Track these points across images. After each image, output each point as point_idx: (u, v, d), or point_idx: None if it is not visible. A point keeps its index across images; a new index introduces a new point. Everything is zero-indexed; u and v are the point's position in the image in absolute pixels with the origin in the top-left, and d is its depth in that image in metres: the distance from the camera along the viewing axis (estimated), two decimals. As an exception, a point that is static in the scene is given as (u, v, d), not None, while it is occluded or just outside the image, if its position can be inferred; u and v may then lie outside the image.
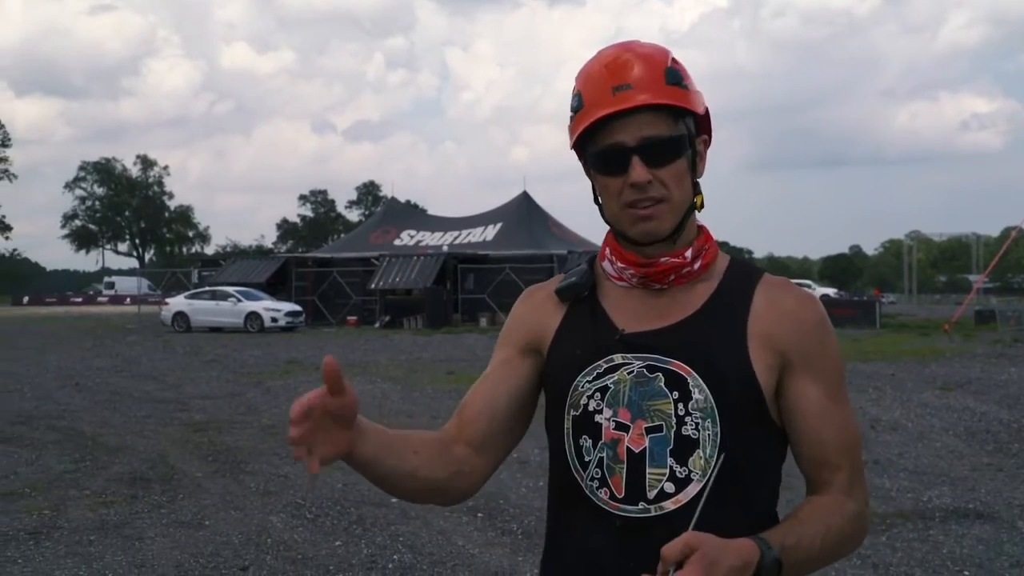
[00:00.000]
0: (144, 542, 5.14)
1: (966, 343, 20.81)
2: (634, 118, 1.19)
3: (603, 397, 1.22)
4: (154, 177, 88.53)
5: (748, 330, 1.23)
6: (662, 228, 1.22)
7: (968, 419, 9.50)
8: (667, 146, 1.20)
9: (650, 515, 1.18)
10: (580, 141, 1.25)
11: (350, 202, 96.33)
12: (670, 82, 1.21)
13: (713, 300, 1.26)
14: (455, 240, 37.20)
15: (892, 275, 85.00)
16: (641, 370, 1.22)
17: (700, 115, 1.25)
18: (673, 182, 1.21)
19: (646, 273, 1.26)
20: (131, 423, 9.41)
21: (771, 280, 1.29)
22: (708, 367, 1.20)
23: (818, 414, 1.23)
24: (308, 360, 17.12)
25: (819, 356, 1.25)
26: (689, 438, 1.18)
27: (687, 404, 1.19)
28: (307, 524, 5.53)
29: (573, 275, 1.34)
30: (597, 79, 1.22)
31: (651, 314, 1.26)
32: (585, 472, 1.23)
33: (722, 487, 1.17)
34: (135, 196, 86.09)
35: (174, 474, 6.88)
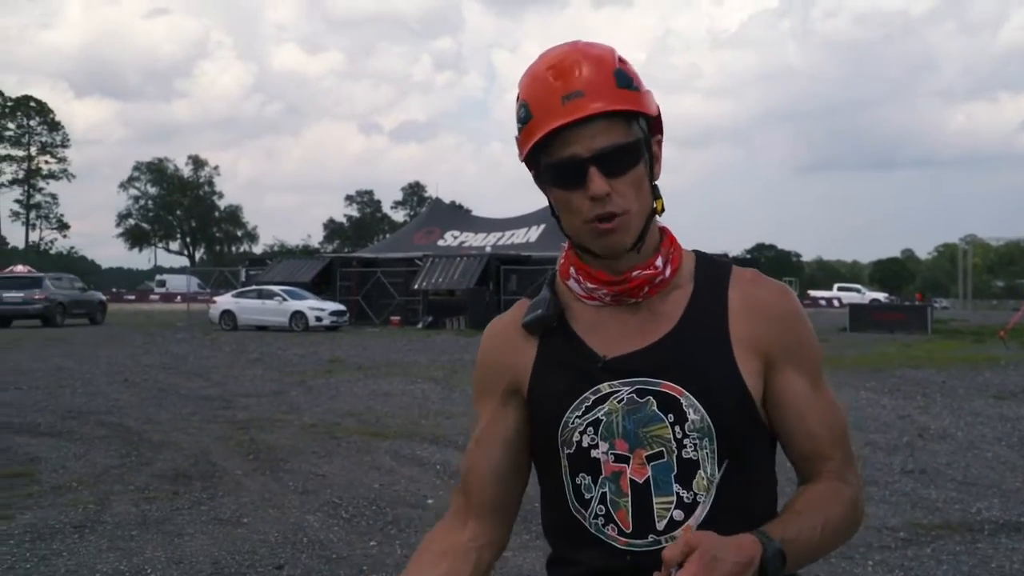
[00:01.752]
0: (183, 538, 5.22)
1: (1022, 350, 20.23)
2: (587, 127, 1.13)
3: (596, 431, 1.18)
4: (205, 177, 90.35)
5: (731, 335, 1.19)
6: (626, 240, 1.17)
7: (1022, 429, 9.22)
8: (624, 154, 1.15)
9: (661, 546, 1.13)
10: (530, 153, 1.18)
11: (396, 202, 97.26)
12: (621, 85, 1.15)
13: (691, 308, 1.22)
14: (498, 241, 37.27)
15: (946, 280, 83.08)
16: (631, 396, 1.17)
17: (652, 115, 1.19)
18: (632, 190, 1.16)
19: (619, 291, 1.21)
20: (176, 420, 9.59)
21: (742, 274, 1.25)
22: (700, 385, 1.16)
23: (805, 407, 1.21)
24: (350, 360, 17.28)
25: (799, 348, 1.23)
26: (690, 460, 1.16)
27: (683, 426, 1.16)
28: (343, 524, 5.57)
29: (538, 306, 1.26)
30: (544, 87, 1.15)
31: (630, 333, 1.21)
32: (587, 510, 1.19)
33: (727, 503, 1.14)
34: (186, 195, 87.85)
35: (215, 471, 6.98)
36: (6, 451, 7.77)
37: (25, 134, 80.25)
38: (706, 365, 1.17)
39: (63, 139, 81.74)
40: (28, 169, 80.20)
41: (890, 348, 20.51)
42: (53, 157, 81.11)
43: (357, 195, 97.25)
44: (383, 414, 10.10)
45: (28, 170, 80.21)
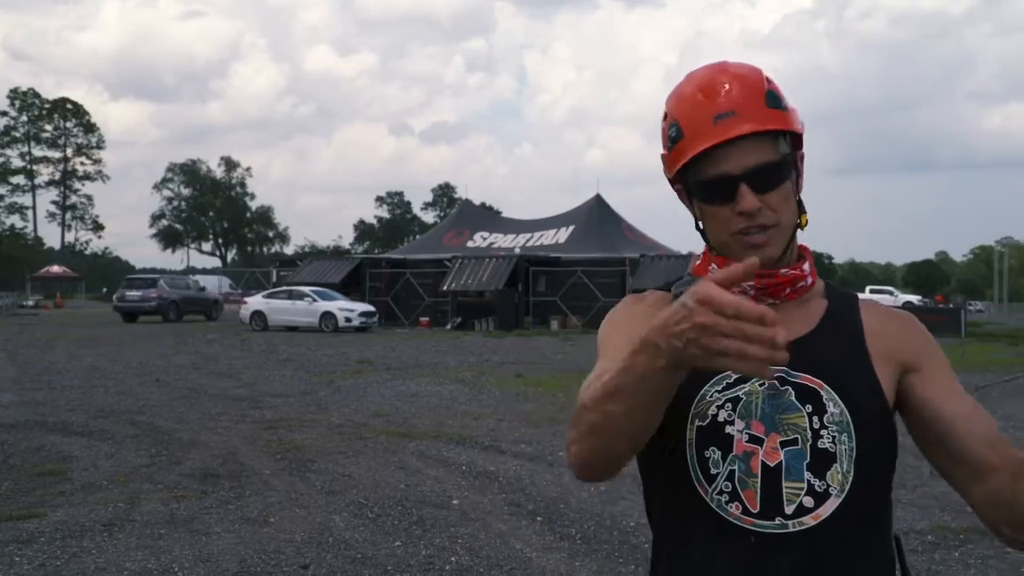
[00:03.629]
0: (211, 537, 5.30)
1: (1058, 354, 19.85)
2: (738, 146, 1.18)
3: (735, 408, 1.19)
4: (237, 178, 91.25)
5: (868, 348, 1.24)
6: (773, 254, 1.22)
7: (1055, 434, 9.06)
8: (774, 171, 1.20)
9: (788, 531, 1.14)
10: (681, 170, 1.23)
11: (426, 204, 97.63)
12: (770, 105, 1.19)
13: (828, 318, 1.27)
14: (527, 242, 37.30)
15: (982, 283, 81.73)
16: (772, 382, 1.19)
17: (799, 133, 1.24)
18: (781, 206, 1.21)
19: (765, 284, 1.24)
20: (205, 420, 9.72)
21: (868, 303, 1.32)
22: (840, 381, 1.19)
23: (962, 399, 1.22)
24: (379, 360, 17.39)
25: (935, 351, 1.28)
26: (827, 451, 1.16)
27: (822, 417, 1.17)
28: (368, 524, 5.62)
29: (688, 284, 1.29)
30: (696, 107, 1.20)
31: None
32: (711, 485, 1.18)
33: (856, 502, 1.15)
34: (219, 197, 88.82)
35: (243, 471, 7.07)
36: (39, 450, 7.93)
37: (61, 136, 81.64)
38: (845, 366, 1.21)
39: (98, 141, 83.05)
40: (64, 171, 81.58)
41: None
42: (89, 159, 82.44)
43: (387, 196, 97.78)
44: (410, 415, 10.16)
45: (64, 171, 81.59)
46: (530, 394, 12.10)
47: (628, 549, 5.05)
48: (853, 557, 1.16)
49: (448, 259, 33.36)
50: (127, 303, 32.66)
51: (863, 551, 1.17)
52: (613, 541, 5.16)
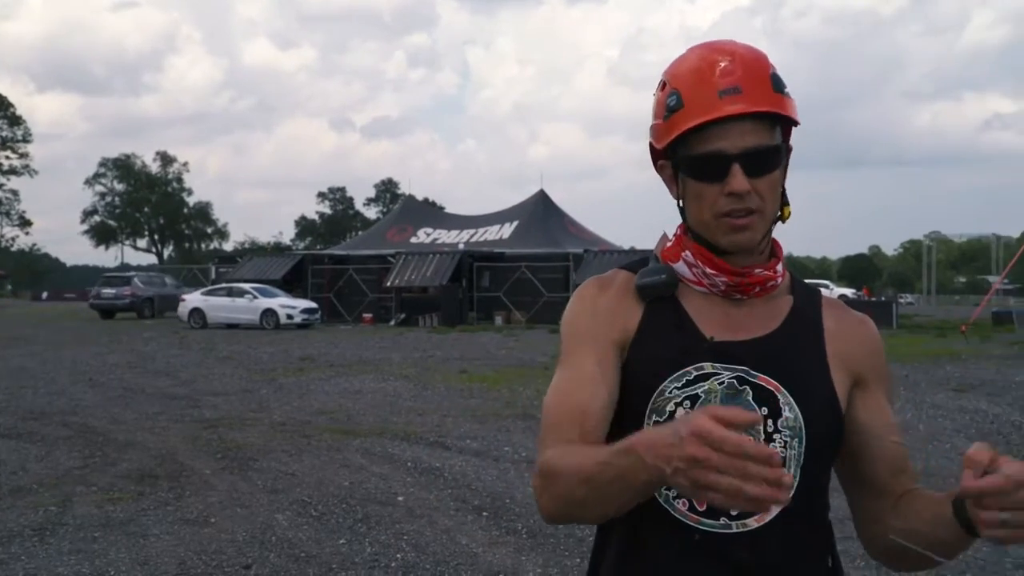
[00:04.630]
0: (148, 539, 5.18)
1: (982, 344, 20.60)
2: (736, 125, 1.14)
3: (693, 405, 1.18)
4: (173, 173, 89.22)
5: (827, 350, 1.23)
6: (755, 239, 1.19)
7: (980, 421, 9.41)
8: (768, 156, 1.16)
9: (731, 531, 1.14)
10: (672, 142, 1.19)
11: (368, 199, 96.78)
12: (776, 89, 1.16)
13: (792, 317, 1.25)
14: (471, 238, 37.23)
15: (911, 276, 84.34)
16: (731, 381, 1.18)
17: (797, 124, 1.21)
18: (769, 193, 1.18)
19: (738, 283, 1.22)
20: (142, 420, 9.49)
21: (830, 301, 1.30)
22: (797, 385, 1.18)
23: (882, 413, 1.25)
24: (322, 357, 17.19)
25: (884, 371, 1.28)
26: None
27: (776, 421, 1.17)
28: (312, 522, 5.55)
29: (656, 272, 1.26)
30: (700, 79, 1.16)
31: (734, 324, 1.22)
32: None
33: (799, 506, 1.14)
34: (154, 192, 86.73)
35: (182, 471, 6.92)
36: (-33, 453, 7.64)
37: (-15, 129, 78.66)
38: (805, 369, 1.20)
39: (24, 134, 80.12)
40: (-12, 165, 78.66)
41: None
42: (14, 152, 79.53)
43: (329, 192, 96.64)
44: (354, 412, 10.07)
45: (-12, 166, 78.67)
46: (475, 390, 12.10)
47: (574, 542, 5.08)
48: (794, 559, 1.17)
49: (391, 255, 33.12)
50: (102, 300, 33.58)
51: (804, 553, 1.18)
52: (559, 535, 5.19)
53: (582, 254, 31.03)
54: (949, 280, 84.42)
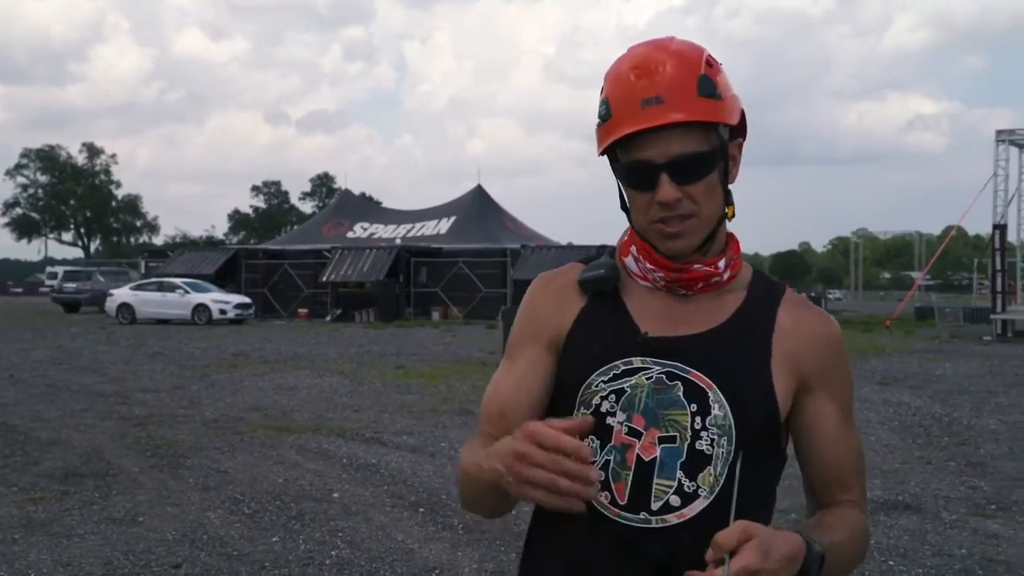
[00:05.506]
0: (72, 540, 5.02)
1: (906, 339, 21.36)
2: (664, 134, 1.13)
3: (618, 400, 1.17)
4: (100, 165, 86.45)
5: (772, 349, 1.20)
6: (692, 244, 1.19)
7: (903, 413, 9.75)
8: (698, 163, 1.15)
9: (650, 526, 1.14)
10: (610, 148, 1.19)
11: (304, 193, 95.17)
12: (703, 94, 1.13)
13: (739, 314, 1.23)
14: (408, 233, 37.04)
15: (840, 272, 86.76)
16: (660, 376, 1.17)
17: (732, 125, 1.19)
18: (703, 197, 1.16)
19: (676, 278, 1.22)
20: (67, 417, 9.20)
21: (793, 297, 1.27)
22: (731, 383, 1.17)
23: (835, 435, 1.23)
24: (256, 353, 16.91)
25: (837, 377, 1.25)
26: (702, 453, 1.15)
27: (705, 418, 1.15)
28: (245, 520, 5.46)
29: (600, 267, 1.27)
30: (626, 88, 1.15)
31: (675, 320, 1.22)
32: None
33: (725, 506, 1.13)
34: (80, 184, 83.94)
35: (109, 469, 6.74)
36: None
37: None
38: (741, 368, 1.18)
39: (-58, 122, 76.82)
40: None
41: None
42: (-69, 141, 76.18)
43: (264, 185, 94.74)
44: (289, 408, 9.93)
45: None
46: (412, 385, 12.05)
47: (511, 537, 5.10)
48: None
49: (327, 250, 32.75)
50: (65, 294, 34.74)
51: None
52: (495, 530, 5.21)
53: (519, 250, 31.13)
54: (875, 276, 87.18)
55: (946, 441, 8.16)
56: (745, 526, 1.01)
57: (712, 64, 1.17)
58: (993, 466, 7.13)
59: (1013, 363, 15.49)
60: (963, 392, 11.51)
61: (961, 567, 4.67)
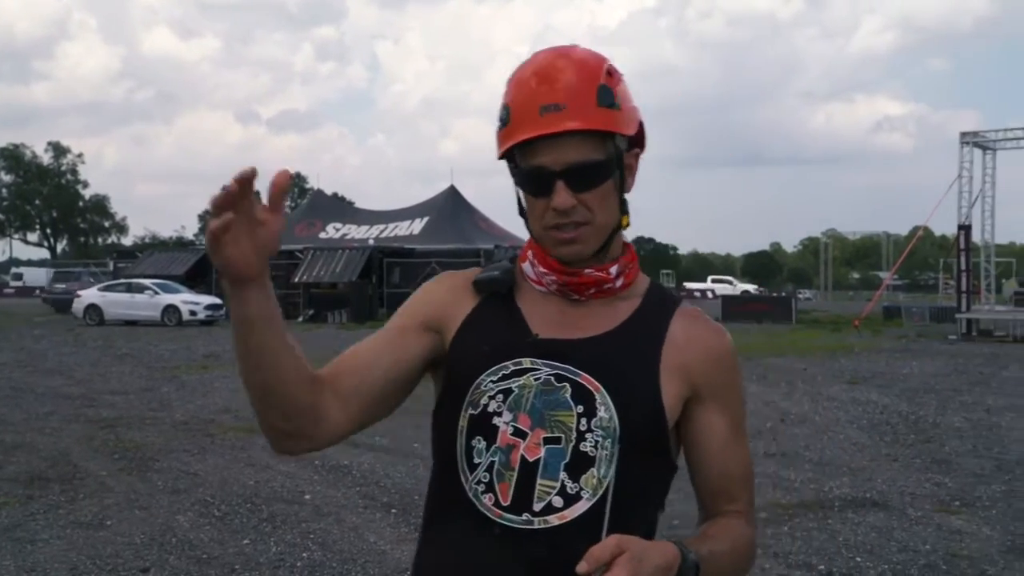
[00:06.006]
0: (37, 544, 4.95)
1: (874, 338, 21.66)
2: (561, 141, 1.14)
3: (505, 400, 1.18)
4: (67, 165, 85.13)
5: (662, 358, 1.22)
6: (585, 251, 1.20)
7: (871, 412, 9.89)
8: (594, 171, 1.16)
9: (532, 527, 1.14)
10: (509, 152, 1.20)
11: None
12: (602, 103, 1.15)
13: (631, 321, 1.24)
14: (381, 233, 36.85)
15: (810, 272, 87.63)
16: (549, 378, 1.18)
17: (629, 136, 1.21)
18: (598, 205, 1.17)
19: (567, 282, 1.23)
20: (32, 420, 9.05)
21: (687, 310, 1.28)
22: (618, 387, 1.17)
23: (723, 447, 1.25)
24: (227, 354, 16.73)
25: (729, 390, 1.26)
26: (586, 455, 1.15)
27: (590, 420, 1.16)
28: (215, 523, 5.42)
29: (495, 269, 1.29)
30: (526, 94, 1.16)
31: (567, 324, 1.23)
32: (472, 474, 1.18)
33: (607, 509, 1.15)
34: (46, 184, 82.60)
35: (76, 473, 6.65)
36: None
37: None
38: (628, 373, 1.19)
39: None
40: None
41: (758, 337, 21.50)
42: None
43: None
44: (259, 410, 9.84)
45: None
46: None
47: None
48: None
49: (300, 250, 32.50)
50: (55, 295, 35.49)
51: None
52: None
53: (493, 250, 31.13)
54: (844, 276, 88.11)
55: (912, 439, 8.29)
56: (619, 540, 1.01)
57: (613, 74, 1.18)
58: (957, 463, 7.26)
59: (977, 362, 15.77)
60: (929, 390, 11.70)
61: (926, 563, 4.75)
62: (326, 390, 1.17)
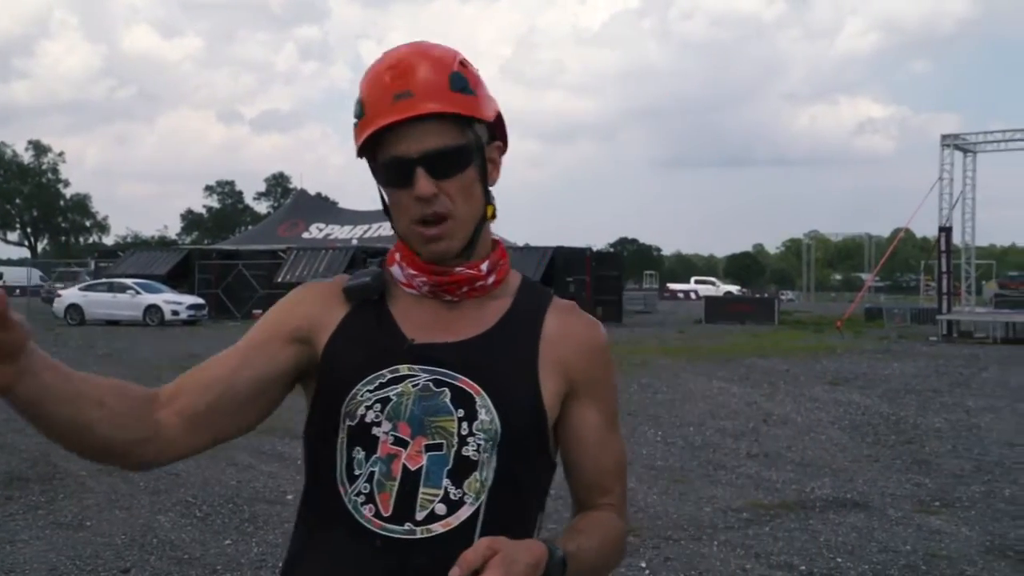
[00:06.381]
0: (16, 545, 4.91)
1: (856, 339, 21.80)
2: (417, 127, 1.12)
3: (383, 409, 1.15)
4: (48, 164, 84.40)
5: (540, 355, 1.20)
6: (452, 248, 1.17)
7: (853, 413, 9.96)
8: (453, 156, 1.14)
9: (415, 536, 1.11)
10: (369, 150, 1.17)
11: (259, 193, 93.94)
12: (455, 88, 1.14)
13: (506, 319, 1.22)
14: (365, 234, 36.80)
15: (792, 273, 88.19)
16: (427, 383, 1.16)
17: (492, 121, 1.20)
18: (460, 194, 1.15)
19: (438, 282, 1.20)
20: (12, 420, 8.90)
21: (560, 304, 1.27)
22: (498, 389, 1.16)
23: (597, 441, 1.24)
24: (209, 354, 16.10)
25: (603, 383, 1.25)
26: (468, 459, 1.14)
27: (472, 424, 1.14)
28: (196, 523, 5.39)
29: (365, 275, 1.25)
30: (379, 85, 1.15)
31: (441, 327, 1.20)
32: (351, 486, 1.15)
33: (491, 513, 1.13)
34: (27, 183, 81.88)
35: (56, 473, 6.60)
36: None
37: None
38: (507, 374, 1.17)
39: None
40: None
41: (741, 338, 21.63)
42: None
43: (217, 185, 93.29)
44: (241, 410, 9.80)
45: None
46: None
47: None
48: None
49: (283, 250, 32.40)
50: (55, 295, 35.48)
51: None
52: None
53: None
54: (827, 277, 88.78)
55: (893, 440, 8.36)
56: (490, 542, 1.00)
57: (466, 65, 1.18)
58: (937, 464, 7.32)
59: (957, 363, 15.91)
60: (910, 391, 11.80)
61: (906, 563, 4.78)
62: (164, 414, 1.13)
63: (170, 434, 1.13)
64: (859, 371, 14.23)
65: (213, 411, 1.16)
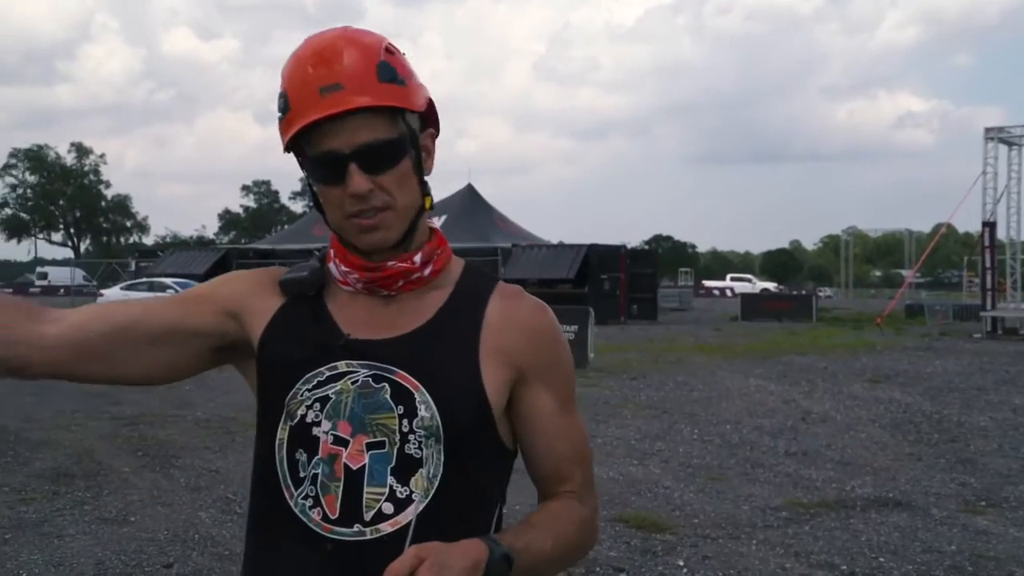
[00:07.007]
0: (64, 540, 5.01)
1: (896, 336, 21.45)
2: (347, 121, 1.08)
3: (323, 408, 1.12)
4: (90, 165, 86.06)
5: (481, 344, 1.16)
6: (390, 237, 1.14)
7: (894, 410, 9.80)
8: (386, 150, 1.11)
9: (365, 538, 1.09)
10: (295, 143, 1.13)
11: (294, 193, 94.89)
12: (384, 79, 1.10)
13: (445, 310, 1.19)
14: (400, 232, 36.93)
15: (830, 270, 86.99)
16: (367, 379, 1.13)
17: (418, 111, 1.16)
18: (396, 187, 1.12)
19: (372, 278, 1.17)
20: (58, 417, 9.16)
21: (505, 289, 1.23)
22: (437, 383, 1.13)
23: (552, 427, 1.21)
24: (247, 353, 16.83)
25: (553, 367, 1.22)
26: (412, 456, 1.11)
27: (412, 421, 1.11)
28: (236, 519, 5.45)
29: (303, 269, 1.22)
30: (303, 76, 1.10)
31: (378, 322, 1.18)
32: (297, 490, 1.12)
33: (442, 509, 1.11)
34: (70, 184, 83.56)
35: (100, 469, 6.71)
36: None
37: None
38: (447, 366, 1.15)
39: (-69, 122, 76.23)
40: None
41: (778, 336, 21.38)
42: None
43: (254, 185, 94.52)
44: (280, 408, 9.89)
45: None
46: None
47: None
48: None
49: (318, 249, 32.18)
50: (97, 295, 37.86)
51: None
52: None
53: (510, 248, 31.10)
54: (866, 274, 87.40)
55: (936, 438, 8.21)
56: (417, 550, 0.98)
57: (393, 51, 1.14)
58: (983, 463, 7.17)
59: (1003, 360, 15.58)
60: (953, 389, 11.58)
61: (951, 563, 4.70)
62: (51, 325, 1.13)
63: (51, 343, 1.13)
64: (900, 368, 14.00)
65: (107, 340, 1.15)
